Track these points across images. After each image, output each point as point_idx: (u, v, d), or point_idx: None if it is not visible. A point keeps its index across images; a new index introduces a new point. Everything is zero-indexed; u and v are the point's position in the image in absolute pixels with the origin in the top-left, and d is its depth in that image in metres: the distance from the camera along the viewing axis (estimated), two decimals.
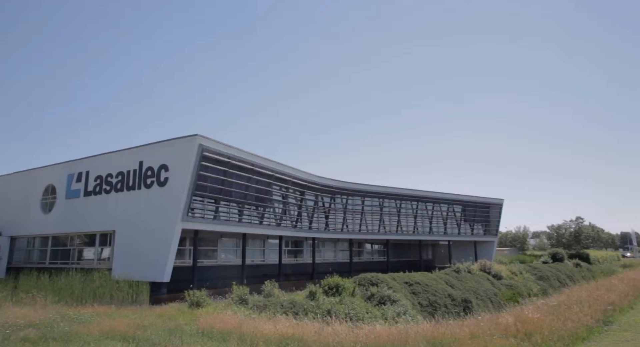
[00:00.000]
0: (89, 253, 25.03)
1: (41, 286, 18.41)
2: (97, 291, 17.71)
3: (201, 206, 21.59)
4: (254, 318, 11.66)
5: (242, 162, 23.18)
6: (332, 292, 17.32)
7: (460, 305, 21.73)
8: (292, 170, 27.75)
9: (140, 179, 21.67)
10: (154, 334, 8.96)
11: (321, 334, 9.22)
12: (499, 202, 48.63)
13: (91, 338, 8.42)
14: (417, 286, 21.52)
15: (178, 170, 20.21)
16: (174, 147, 20.87)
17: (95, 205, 23.99)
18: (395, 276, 22.22)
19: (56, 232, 26.29)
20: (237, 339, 8.58)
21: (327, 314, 13.34)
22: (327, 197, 32.93)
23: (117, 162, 23.19)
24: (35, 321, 10.31)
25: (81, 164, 25.59)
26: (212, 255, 24.99)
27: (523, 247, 70.17)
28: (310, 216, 31.00)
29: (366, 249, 41.20)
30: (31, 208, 28.16)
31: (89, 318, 11.08)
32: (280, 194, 27.67)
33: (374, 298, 17.69)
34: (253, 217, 25.15)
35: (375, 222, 37.64)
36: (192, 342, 8.21)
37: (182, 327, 10.07)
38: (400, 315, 15.84)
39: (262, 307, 14.12)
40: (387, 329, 9.92)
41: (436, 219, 43.34)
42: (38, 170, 29.05)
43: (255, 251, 27.93)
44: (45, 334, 8.68)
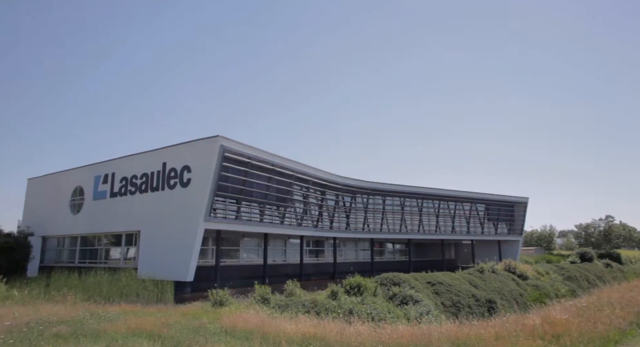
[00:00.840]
0: (115, 253, 25.69)
1: (71, 284, 19.02)
2: (123, 289, 18.17)
3: (223, 206, 21.87)
4: (276, 317, 11.73)
5: (262, 163, 23.37)
6: (354, 292, 17.28)
7: (485, 305, 21.35)
8: (312, 170, 27.81)
9: (164, 180, 22.11)
10: (178, 333, 9.12)
11: (343, 334, 9.21)
12: (523, 200, 47.54)
13: (119, 335, 8.64)
14: (440, 286, 21.26)
15: (200, 171, 20.53)
16: (196, 148, 21.20)
17: (121, 206, 24.60)
18: (417, 276, 22.01)
19: (84, 232, 27.08)
20: (260, 338, 8.66)
21: (349, 313, 13.30)
22: (347, 196, 32.87)
23: (142, 163, 23.73)
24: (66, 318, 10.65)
25: (107, 165, 26.30)
26: (234, 255, 25.27)
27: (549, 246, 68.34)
28: (331, 216, 31.01)
29: (388, 249, 40.92)
30: (61, 209, 29.10)
31: (117, 316, 11.37)
32: (301, 193, 27.78)
33: (396, 298, 17.57)
34: (274, 217, 25.33)
35: (397, 221, 37.35)
36: (215, 341, 8.32)
37: (206, 325, 10.22)
38: (423, 315, 15.66)
39: (284, 307, 14.20)
40: (409, 329, 9.83)
41: (459, 218, 42.70)
42: (67, 173, 29.98)
43: (277, 250, 28.11)
44: (75, 331, 8.96)
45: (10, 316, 10.75)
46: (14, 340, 7.86)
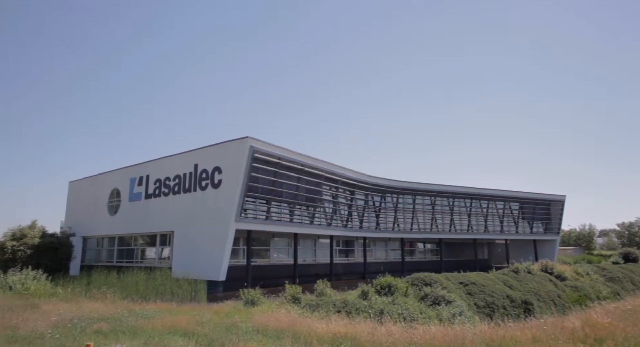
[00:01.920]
0: (150, 252, 26.49)
1: (110, 283, 19.74)
2: (159, 288, 18.69)
3: (253, 206, 22.17)
4: (307, 317, 11.79)
5: (291, 163, 23.53)
6: (385, 292, 17.15)
7: (520, 307, 20.72)
8: (341, 170, 27.78)
9: (196, 181, 22.62)
10: (212, 331, 9.31)
11: (374, 334, 9.15)
12: (560, 198, 45.77)
13: (155, 332, 8.91)
14: (473, 286, 20.80)
15: (231, 172, 20.88)
16: (226, 149, 21.57)
17: (155, 207, 25.35)
18: (449, 276, 21.62)
19: (121, 232, 28.07)
20: (291, 337, 8.72)
21: (380, 313, 13.22)
22: (377, 196, 32.64)
23: (174, 165, 24.36)
24: (106, 315, 11.08)
25: (142, 168, 27.16)
26: (264, 254, 25.57)
27: (589, 246, 65.58)
28: (360, 215, 30.87)
29: (418, 248, 40.37)
30: (100, 210, 30.28)
31: (153, 314, 11.71)
32: (330, 193, 27.80)
33: (428, 298, 17.31)
34: (304, 217, 25.46)
35: (428, 220, 36.78)
36: (248, 340, 8.44)
37: (238, 324, 10.39)
38: (455, 316, 15.36)
39: (314, 306, 14.25)
40: (442, 330, 9.66)
41: (492, 217, 41.61)
42: (105, 175, 31.16)
43: (307, 250, 28.24)
44: (115, 328, 9.30)
45: (55, 312, 11.29)
46: (60, 335, 8.25)
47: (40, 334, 8.39)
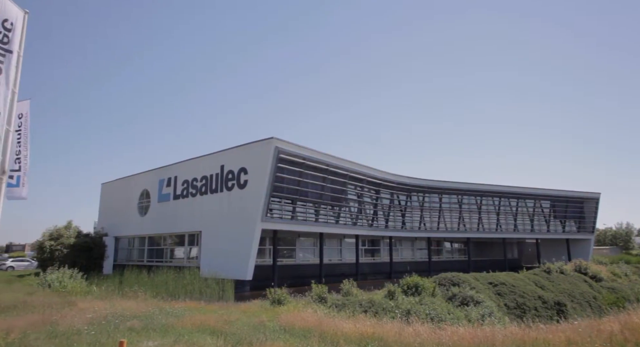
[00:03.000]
0: (179, 252, 27.08)
1: (141, 281, 20.28)
2: (187, 287, 19.08)
3: (279, 206, 22.33)
4: (333, 317, 11.78)
5: (316, 163, 23.58)
6: (412, 292, 16.97)
7: (553, 308, 20.11)
8: (366, 169, 27.64)
9: (222, 182, 22.97)
10: (239, 330, 9.43)
11: (402, 334, 9.06)
12: (594, 196, 44.09)
13: (185, 331, 9.10)
14: (502, 287, 20.33)
15: (256, 173, 21.09)
16: (252, 150, 21.81)
17: (183, 207, 25.89)
18: (477, 276, 21.20)
19: (151, 233, 28.81)
20: (318, 337, 8.73)
21: (407, 314, 13.07)
22: (403, 195, 32.31)
23: (201, 167, 24.81)
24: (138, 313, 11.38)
25: (170, 169, 27.79)
26: (290, 254, 25.73)
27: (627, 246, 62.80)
28: (386, 215, 30.65)
29: (445, 248, 39.72)
30: (130, 211, 31.16)
31: (182, 312, 11.96)
32: (355, 193, 27.71)
33: (456, 299, 17.03)
34: (329, 216, 25.47)
35: (455, 219, 36.16)
36: (275, 339, 8.50)
37: (265, 323, 10.48)
38: (485, 317, 15.04)
39: (340, 306, 14.23)
40: (471, 331, 9.46)
41: (521, 216, 40.53)
42: (135, 177, 32.05)
43: (332, 250, 28.25)
44: (146, 325, 9.55)
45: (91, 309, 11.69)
46: (95, 332, 8.54)
47: (77, 330, 8.71)
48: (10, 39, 10.31)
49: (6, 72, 10.16)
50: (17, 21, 10.55)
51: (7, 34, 10.24)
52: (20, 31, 10.74)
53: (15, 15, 10.46)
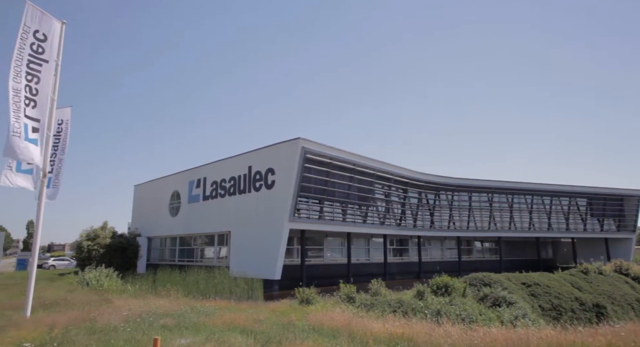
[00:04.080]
0: (209, 252, 27.60)
1: (173, 280, 20.77)
2: (217, 286, 19.40)
3: (306, 206, 22.42)
4: (362, 316, 11.73)
5: (343, 162, 23.54)
6: (441, 292, 16.72)
7: (592, 310, 19.35)
8: (394, 168, 27.39)
9: (250, 182, 23.26)
10: (269, 328, 9.52)
11: (432, 335, 8.93)
12: (635, 193, 42.08)
13: (216, 329, 9.26)
14: (536, 288, 19.72)
15: (283, 173, 21.25)
16: (279, 151, 21.98)
17: (213, 208, 26.37)
18: (510, 276, 20.65)
19: (182, 233, 29.49)
20: (347, 337, 8.71)
21: (437, 314, 12.88)
22: (431, 193, 31.85)
23: (229, 168, 25.21)
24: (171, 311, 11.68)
25: (199, 171, 28.37)
26: (318, 254, 25.78)
27: None
28: (414, 214, 30.28)
29: (476, 247, 38.87)
30: (162, 212, 32.00)
31: (213, 311, 12.18)
32: (382, 192, 27.51)
33: (487, 299, 16.64)
34: (357, 216, 25.38)
35: (485, 218, 35.33)
36: (304, 338, 8.54)
37: (294, 323, 10.55)
38: (518, 318, 14.64)
39: (369, 306, 14.16)
40: (504, 332, 9.22)
41: (556, 214, 39.18)
42: (166, 178, 32.88)
43: (360, 249, 28.14)
44: (179, 323, 9.79)
45: (126, 307, 12.09)
46: (131, 329, 8.83)
47: (114, 327, 9.02)
48: (45, 49, 10.79)
49: (44, 81, 10.65)
50: (52, 32, 11.03)
51: (41, 44, 10.71)
52: (58, 41, 11.24)
53: (49, 27, 10.93)
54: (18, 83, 9.94)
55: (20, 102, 9.91)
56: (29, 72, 10.23)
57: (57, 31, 11.18)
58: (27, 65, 10.21)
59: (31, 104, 10.17)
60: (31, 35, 10.42)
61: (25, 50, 10.22)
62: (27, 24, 10.29)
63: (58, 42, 11.18)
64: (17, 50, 10.06)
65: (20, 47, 10.11)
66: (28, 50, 10.29)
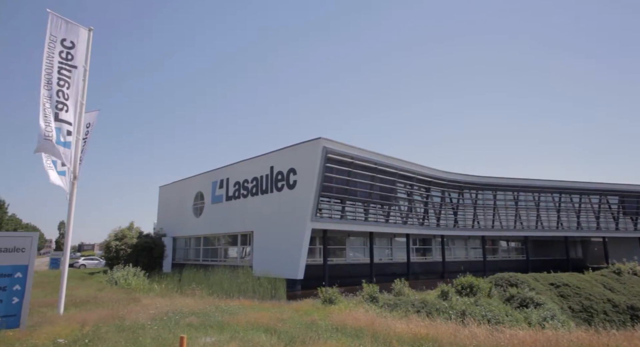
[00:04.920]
0: (232, 252, 27.95)
1: (198, 280, 21.11)
2: (241, 286, 19.60)
3: (328, 206, 22.43)
4: (385, 316, 11.65)
5: (365, 162, 23.45)
6: (466, 292, 16.45)
7: (625, 313, 18.68)
8: (416, 167, 27.12)
9: (272, 183, 23.43)
10: (292, 328, 9.56)
11: (457, 336, 8.79)
12: None
13: (240, 328, 9.37)
14: (565, 288, 19.18)
15: (305, 173, 21.32)
16: (300, 151, 22.07)
17: (235, 208, 26.68)
18: (537, 276, 20.15)
19: (206, 233, 29.95)
20: (371, 337, 8.67)
21: (462, 315, 12.67)
22: (454, 192, 31.38)
23: (252, 168, 25.46)
24: (196, 310, 11.88)
25: (222, 172, 28.75)
26: (340, 253, 25.77)
27: None
28: (437, 213, 29.90)
29: (501, 247, 38.07)
30: (186, 212, 32.58)
31: (237, 310, 12.32)
32: (405, 191, 27.27)
33: (514, 300, 16.27)
34: (379, 215, 25.24)
35: (511, 217, 34.58)
36: (327, 337, 8.54)
37: (317, 322, 10.56)
38: (546, 320, 14.25)
39: (392, 306, 14.06)
40: (532, 334, 8.99)
41: (585, 213, 37.98)
42: (190, 180, 33.47)
43: (383, 249, 27.98)
44: (204, 322, 9.95)
45: (153, 306, 12.37)
46: (157, 327, 9.03)
47: (141, 325, 9.24)
48: (74, 56, 11.15)
49: (74, 86, 11.00)
50: (79, 39, 11.38)
51: (70, 51, 11.06)
52: (85, 47, 11.59)
53: (76, 34, 11.28)
54: (48, 90, 10.30)
55: (52, 108, 10.27)
56: (60, 79, 10.59)
57: (85, 38, 11.52)
58: (57, 72, 10.57)
59: (64, 109, 10.53)
60: (59, 43, 10.77)
61: (54, 58, 10.58)
62: (52, 33, 10.64)
63: (85, 49, 11.52)
64: (46, 60, 10.43)
65: (48, 55, 10.47)
66: (57, 57, 10.65)
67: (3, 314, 8.43)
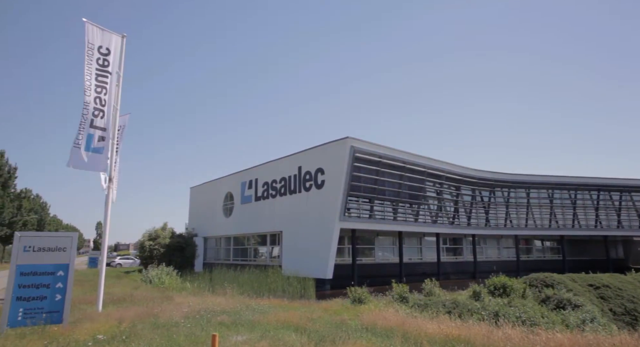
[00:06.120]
0: (262, 251, 28.27)
1: (229, 279, 21.48)
2: (271, 285, 19.82)
3: (356, 205, 22.36)
4: (415, 317, 11.52)
5: (393, 161, 23.24)
6: (499, 293, 16.06)
7: None
8: (445, 165, 26.68)
9: (300, 183, 23.56)
10: (322, 327, 9.59)
11: (490, 338, 8.58)
12: None
13: (270, 327, 9.47)
14: (606, 290, 18.41)
15: (333, 173, 21.33)
16: (328, 150, 22.09)
17: (264, 208, 26.98)
18: (575, 277, 19.44)
19: (236, 233, 30.43)
20: (401, 337, 8.59)
21: (495, 316, 12.36)
22: (485, 190, 30.65)
23: (280, 168, 25.68)
24: (227, 309, 12.09)
25: (251, 172, 29.14)
26: (369, 253, 25.63)
27: None
28: (468, 212, 29.29)
29: (536, 246, 36.87)
30: (216, 212, 33.20)
31: (267, 309, 12.46)
32: (434, 190, 26.86)
33: (550, 301, 15.76)
34: (408, 214, 24.97)
35: (545, 216, 33.46)
36: (357, 337, 8.52)
37: (347, 322, 10.55)
38: (586, 322, 13.71)
39: (423, 306, 13.88)
40: (570, 337, 8.66)
41: (627, 211, 36.30)
42: (220, 180, 34.09)
43: (412, 248, 27.64)
44: (235, 321, 10.12)
45: (186, 304, 12.68)
46: (190, 325, 9.25)
47: (175, 322, 9.49)
48: (110, 62, 11.57)
49: (109, 91, 11.41)
50: (114, 45, 11.80)
51: (106, 58, 11.49)
52: (119, 53, 12.01)
53: (110, 41, 11.70)
54: (88, 96, 10.74)
55: (89, 115, 10.70)
56: (97, 85, 11.02)
57: (119, 44, 11.92)
58: (95, 78, 11.00)
59: (99, 115, 10.94)
60: (96, 50, 11.20)
61: (92, 65, 11.02)
62: (90, 41, 11.07)
63: (120, 54, 11.93)
64: (86, 67, 10.88)
65: (87, 63, 10.92)
66: (95, 64, 11.09)
67: (47, 310, 8.84)
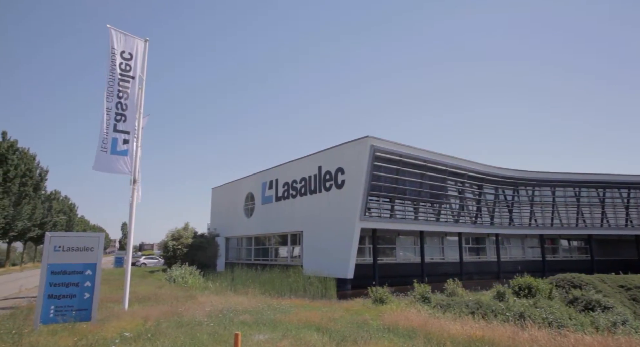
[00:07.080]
0: (283, 251, 28.41)
1: (250, 279, 21.70)
2: (292, 285, 19.91)
3: (377, 205, 22.25)
4: (438, 317, 11.39)
5: (414, 160, 23.03)
6: (524, 293, 15.73)
7: None
8: (467, 164, 26.27)
9: (320, 182, 23.58)
10: (344, 327, 9.59)
11: (515, 339, 8.41)
12: None
13: (292, 326, 9.52)
14: (638, 291, 17.79)
15: (353, 172, 21.28)
16: (348, 150, 22.04)
17: (285, 208, 27.11)
18: (604, 278, 18.86)
19: (257, 233, 30.67)
20: (423, 338, 8.51)
21: (520, 317, 12.09)
22: (509, 189, 30.04)
23: (300, 168, 25.76)
24: (249, 308, 12.22)
25: (271, 172, 29.33)
26: (390, 253, 25.44)
27: None
28: (491, 211, 28.76)
29: (562, 246, 35.88)
30: (237, 213, 33.54)
31: (288, 308, 12.54)
32: (456, 189, 26.48)
33: (578, 303, 15.31)
34: (429, 214, 24.70)
35: (572, 214, 32.56)
36: (379, 337, 8.48)
37: (369, 322, 10.52)
38: (617, 325, 13.26)
39: (445, 306, 13.71)
40: (600, 340, 8.40)
41: None
42: (240, 181, 34.42)
43: (434, 248, 27.29)
44: (257, 320, 10.22)
45: (209, 303, 12.88)
46: (213, 323, 9.40)
47: (198, 321, 9.66)
48: (132, 66, 11.84)
49: (132, 95, 11.68)
50: (137, 50, 12.06)
51: (129, 62, 11.75)
52: (142, 58, 12.27)
53: (132, 45, 11.96)
54: (110, 102, 11.01)
55: (111, 120, 10.97)
56: (120, 90, 11.29)
57: (141, 48, 12.18)
58: (118, 83, 11.27)
59: (122, 119, 11.21)
60: (118, 56, 11.48)
61: (115, 70, 11.30)
62: (113, 47, 11.35)
63: (142, 59, 12.19)
64: (110, 72, 11.15)
65: (111, 68, 11.19)
66: (118, 70, 11.36)
67: (77, 308, 9.12)
